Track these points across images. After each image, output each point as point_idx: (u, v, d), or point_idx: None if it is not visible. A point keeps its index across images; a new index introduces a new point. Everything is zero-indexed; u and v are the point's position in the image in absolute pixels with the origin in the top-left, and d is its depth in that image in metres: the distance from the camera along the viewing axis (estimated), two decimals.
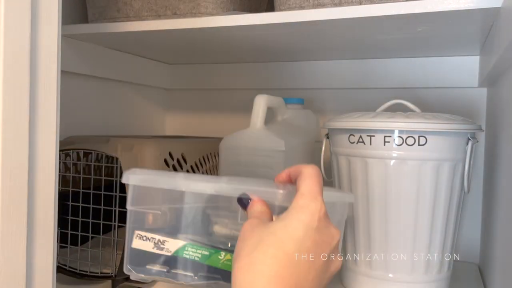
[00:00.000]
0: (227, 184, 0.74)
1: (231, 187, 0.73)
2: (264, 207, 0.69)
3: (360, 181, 1.11)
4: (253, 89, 1.74)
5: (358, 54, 1.53)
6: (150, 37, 1.35)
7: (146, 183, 0.78)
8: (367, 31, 1.20)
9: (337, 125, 1.14)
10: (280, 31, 1.22)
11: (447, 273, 1.13)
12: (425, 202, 1.07)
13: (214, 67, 1.82)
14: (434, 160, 1.06)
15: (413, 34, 1.21)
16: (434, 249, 1.10)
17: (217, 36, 1.30)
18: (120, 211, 1.18)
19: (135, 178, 0.79)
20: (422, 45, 1.36)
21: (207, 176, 0.78)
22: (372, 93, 1.61)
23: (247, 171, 1.24)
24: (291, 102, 1.45)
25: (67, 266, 1.23)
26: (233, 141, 1.27)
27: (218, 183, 0.74)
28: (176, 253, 0.75)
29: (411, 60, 1.55)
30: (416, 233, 1.08)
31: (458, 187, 1.10)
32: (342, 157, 1.14)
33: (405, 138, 1.05)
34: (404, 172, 1.06)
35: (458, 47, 1.37)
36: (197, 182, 0.76)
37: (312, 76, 1.67)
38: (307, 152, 1.36)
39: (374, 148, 1.08)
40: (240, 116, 1.80)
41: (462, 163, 1.09)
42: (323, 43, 1.36)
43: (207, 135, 1.81)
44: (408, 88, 1.56)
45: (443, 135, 1.05)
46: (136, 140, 1.24)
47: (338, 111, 1.64)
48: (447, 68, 1.51)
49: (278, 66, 1.72)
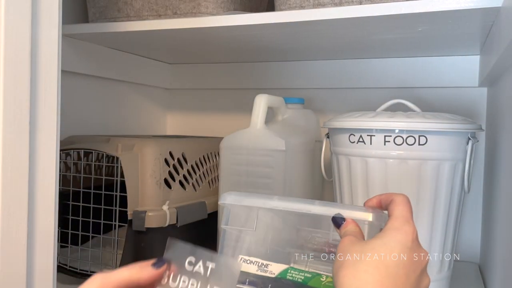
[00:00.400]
0: (320, 206, 0.78)
1: (324, 209, 0.77)
2: (357, 228, 0.74)
3: (360, 180, 1.11)
4: (253, 89, 1.74)
5: (359, 53, 1.53)
6: (151, 37, 1.35)
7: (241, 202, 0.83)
8: (368, 31, 1.20)
9: (337, 125, 1.14)
10: (280, 31, 1.22)
11: (447, 272, 1.13)
12: (425, 202, 1.07)
13: (215, 67, 1.82)
14: (434, 159, 1.06)
15: (413, 33, 1.21)
16: (434, 249, 1.10)
17: (217, 35, 1.30)
18: (121, 210, 1.18)
19: (231, 199, 0.83)
20: (423, 45, 1.36)
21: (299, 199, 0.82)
22: (372, 93, 1.61)
23: (247, 171, 1.24)
24: (292, 101, 1.45)
25: (67, 265, 1.23)
26: (233, 140, 1.27)
27: (312, 204, 0.78)
28: (280, 275, 0.77)
29: (411, 59, 1.55)
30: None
31: (458, 187, 1.10)
32: (342, 156, 1.15)
33: (405, 138, 1.05)
34: (404, 171, 1.06)
35: (458, 47, 1.37)
36: (291, 203, 0.80)
37: (312, 75, 1.67)
38: (308, 151, 1.36)
39: (374, 147, 1.08)
40: (241, 116, 1.80)
41: (462, 163, 1.09)
42: (323, 43, 1.37)
43: (207, 134, 1.81)
44: (408, 87, 1.56)
45: (443, 135, 1.05)
46: (136, 140, 1.24)
47: (338, 111, 1.64)
48: (447, 67, 1.51)
49: (278, 66, 1.72)
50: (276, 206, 0.79)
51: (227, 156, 1.27)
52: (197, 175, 1.37)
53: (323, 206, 0.77)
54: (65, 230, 1.25)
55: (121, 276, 0.65)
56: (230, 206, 0.82)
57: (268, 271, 0.78)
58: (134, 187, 1.19)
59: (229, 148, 1.27)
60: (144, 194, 1.20)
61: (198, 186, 1.37)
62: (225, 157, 1.28)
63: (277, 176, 1.22)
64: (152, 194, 1.21)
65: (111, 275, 0.65)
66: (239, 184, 1.25)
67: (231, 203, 0.82)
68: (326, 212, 0.77)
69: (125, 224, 1.18)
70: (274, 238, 0.82)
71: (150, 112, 1.83)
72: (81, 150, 1.24)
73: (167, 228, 1.20)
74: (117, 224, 1.19)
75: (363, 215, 0.75)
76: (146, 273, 0.67)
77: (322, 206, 0.78)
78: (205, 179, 1.41)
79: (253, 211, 0.81)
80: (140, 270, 0.67)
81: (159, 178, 1.22)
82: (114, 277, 0.65)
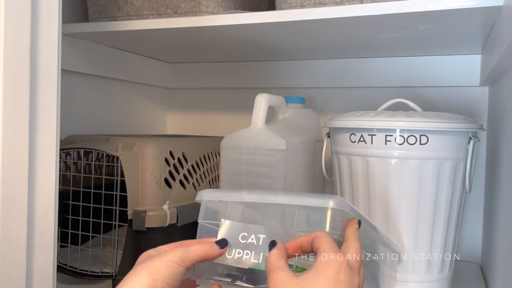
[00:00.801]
0: (284, 197, 0.83)
1: (288, 199, 0.82)
2: (282, 253, 0.76)
3: (361, 180, 1.11)
4: (254, 88, 1.74)
5: (359, 52, 1.53)
6: (151, 36, 1.35)
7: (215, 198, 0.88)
8: (368, 30, 1.20)
9: (338, 124, 1.14)
10: (281, 30, 1.22)
11: (448, 272, 1.13)
12: (427, 202, 1.07)
13: (215, 66, 1.82)
14: (435, 159, 1.06)
15: (414, 32, 1.21)
16: (435, 249, 1.10)
17: (218, 35, 1.30)
18: (121, 210, 1.18)
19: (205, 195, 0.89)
20: (424, 44, 1.36)
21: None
22: (373, 92, 1.61)
23: (248, 170, 1.24)
24: (292, 101, 1.45)
25: (67, 265, 1.23)
26: (234, 140, 1.27)
27: (276, 195, 0.83)
28: (254, 266, 0.80)
29: (412, 59, 1.55)
30: (417, 233, 1.08)
31: (459, 186, 1.10)
32: (343, 156, 1.14)
33: (406, 137, 1.05)
34: (406, 171, 1.06)
35: (459, 46, 1.37)
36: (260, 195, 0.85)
37: (313, 75, 1.67)
38: (308, 151, 1.36)
39: (375, 147, 1.08)
40: (241, 115, 1.80)
41: (463, 162, 1.09)
42: (324, 42, 1.36)
43: (208, 134, 1.81)
44: (410, 87, 1.56)
45: (444, 134, 1.05)
46: (137, 139, 1.24)
47: (339, 110, 1.64)
48: (449, 67, 1.51)
49: (279, 65, 1.72)
50: (242, 198, 0.85)
51: (227, 156, 1.27)
52: (197, 174, 1.37)
53: (287, 196, 0.82)
54: (65, 230, 1.25)
55: (197, 253, 0.76)
56: (206, 202, 0.88)
57: (243, 263, 0.81)
58: (134, 187, 1.19)
59: (229, 148, 1.27)
60: (144, 194, 1.20)
61: (198, 185, 1.37)
62: (226, 157, 1.28)
63: (277, 176, 1.22)
64: (153, 194, 1.21)
65: (190, 251, 0.76)
66: (240, 183, 1.25)
67: (206, 199, 0.87)
68: (290, 202, 0.81)
69: (125, 224, 1.18)
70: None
71: (151, 112, 1.83)
72: (81, 149, 1.24)
73: (168, 228, 1.20)
74: (117, 224, 1.19)
75: (324, 202, 0.78)
76: (214, 251, 0.79)
77: (286, 196, 0.82)
78: (206, 179, 1.41)
79: (226, 205, 0.86)
80: (210, 249, 0.78)
81: (159, 177, 1.22)
82: (192, 252, 0.76)
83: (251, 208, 0.85)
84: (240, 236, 0.82)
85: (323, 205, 0.78)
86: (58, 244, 1.21)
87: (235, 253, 0.80)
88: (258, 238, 0.81)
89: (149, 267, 0.72)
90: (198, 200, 0.89)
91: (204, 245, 0.78)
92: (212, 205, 0.87)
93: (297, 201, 0.81)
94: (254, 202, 0.84)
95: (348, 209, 0.79)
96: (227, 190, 0.88)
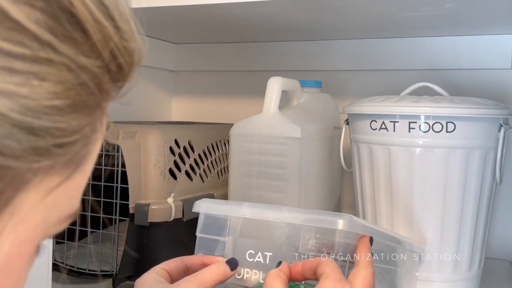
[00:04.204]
0: (288, 213, 0.84)
1: (292, 216, 0.83)
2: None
3: (382, 171, 1.11)
4: (266, 71, 1.73)
5: (381, 32, 1.52)
6: (154, 14, 1.35)
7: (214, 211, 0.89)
8: (391, 7, 1.20)
9: (357, 110, 1.14)
10: (296, 7, 1.22)
11: (477, 271, 1.13)
12: (454, 194, 1.07)
13: (224, 47, 1.82)
14: (463, 148, 1.05)
15: (441, 10, 1.20)
16: (463, 245, 1.10)
17: (227, 13, 1.30)
18: (122, 203, 1.18)
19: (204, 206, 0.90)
20: (451, 23, 1.35)
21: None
22: (396, 75, 1.61)
23: (259, 160, 1.24)
24: (308, 85, 1.45)
25: (64, 263, 1.24)
26: (244, 127, 1.27)
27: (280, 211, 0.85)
28: (258, 285, 0.83)
29: (438, 39, 1.54)
30: (443, 228, 1.08)
31: (489, 178, 1.10)
32: (363, 145, 1.14)
33: (431, 124, 1.05)
34: (431, 161, 1.06)
35: (490, 25, 1.37)
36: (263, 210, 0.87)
37: (330, 56, 1.67)
38: (325, 139, 1.36)
39: (398, 135, 1.08)
40: (252, 100, 1.80)
41: (493, 152, 1.08)
42: (342, 21, 1.36)
43: (216, 121, 1.81)
44: (435, 69, 1.55)
45: (473, 121, 1.05)
46: (139, 126, 1.25)
47: (359, 95, 1.63)
48: (478, 48, 1.50)
49: (293, 46, 1.72)
50: (243, 214, 0.86)
51: (237, 144, 1.28)
52: (205, 165, 1.38)
53: (291, 213, 0.83)
54: None
55: (213, 280, 0.78)
56: (204, 214, 0.89)
57: (251, 283, 0.83)
58: (137, 178, 1.19)
59: (239, 136, 1.27)
60: (147, 186, 1.21)
61: (206, 177, 1.37)
62: (236, 146, 1.28)
63: (292, 166, 1.22)
64: (156, 186, 1.21)
65: (206, 280, 0.77)
66: (251, 174, 1.25)
67: (204, 211, 0.89)
68: (295, 220, 0.82)
69: (127, 219, 1.19)
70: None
71: (154, 97, 1.84)
72: None
73: (172, 223, 1.21)
74: (118, 219, 1.19)
75: (332, 222, 0.79)
76: (228, 274, 0.81)
77: (290, 213, 0.83)
78: (214, 170, 1.42)
79: (226, 219, 0.88)
80: (225, 273, 0.80)
81: (163, 168, 1.22)
82: (209, 282, 0.77)
83: (254, 221, 0.86)
84: (247, 254, 0.84)
85: (331, 226, 0.79)
86: (54, 241, 1.22)
87: (244, 273, 0.83)
88: (265, 256, 0.83)
89: None
90: (195, 211, 0.90)
91: (219, 269, 0.80)
92: (211, 217, 0.89)
93: (303, 220, 0.82)
94: (255, 218, 0.85)
95: (359, 230, 0.80)
96: (227, 202, 0.91)
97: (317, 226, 0.81)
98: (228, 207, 0.88)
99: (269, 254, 0.82)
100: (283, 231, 0.84)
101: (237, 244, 0.84)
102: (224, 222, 0.87)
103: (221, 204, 0.90)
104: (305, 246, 0.82)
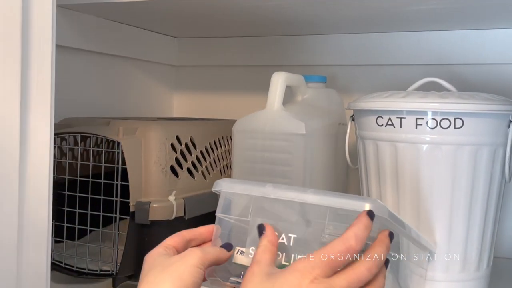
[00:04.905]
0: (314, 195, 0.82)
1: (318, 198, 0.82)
2: (269, 244, 0.80)
3: (389, 168, 1.11)
4: (270, 66, 1.73)
5: (388, 26, 1.52)
6: (156, 7, 1.35)
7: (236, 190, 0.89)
8: (398, 1, 1.19)
9: (363, 106, 1.13)
10: (300, 1, 1.22)
11: (486, 271, 1.13)
12: (461, 192, 1.07)
13: (227, 41, 1.82)
14: (471, 144, 1.05)
15: (448, 3, 1.20)
16: (471, 244, 1.09)
17: (229, 6, 1.29)
18: (122, 201, 1.18)
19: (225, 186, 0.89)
20: (459, 17, 1.35)
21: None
22: (403, 70, 1.60)
23: (263, 157, 1.24)
24: (313, 80, 1.45)
25: (63, 263, 1.24)
26: (247, 123, 1.27)
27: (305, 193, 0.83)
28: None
29: (447, 33, 1.54)
30: (451, 226, 1.08)
31: (498, 175, 1.09)
32: (369, 141, 1.14)
33: (439, 121, 1.05)
34: (438, 158, 1.06)
35: (499, 19, 1.36)
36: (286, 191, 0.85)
37: (336, 51, 1.67)
38: (330, 135, 1.35)
39: (404, 131, 1.07)
40: (256, 96, 1.79)
41: (503, 148, 1.08)
42: (348, 14, 1.36)
43: (219, 117, 1.80)
44: (443, 64, 1.55)
45: (481, 117, 1.04)
46: (139, 123, 1.24)
47: (365, 90, 1.63)
48: (488, 42, 1.50)
49: (297, 40, 1.71)
50: (268, 194, 0.84)
51: (240, 141, 1.27)
52: (207, 162, 1.37)
53: (316, 195, 0.81)
54: (60, 224, 1.25)
55: (212, 255, 0.80)
56: (225, 193, 0.88)
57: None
58: (137, 176, 1.19)
59: (243, 132, 1.27)
60: (148, 183, 1.20)
61: (208, 174, 1.37)
62: (239, 142, 1.28)
63: (296, 163, 1.22)
64: (157, 183, 1.21)
65: (207, 252, 0.79)
66: (254, 171, 1.25)
67: (225, 190, 0.88)
68: (320, 202, 0.81)
69: (127, 217, 1.18)
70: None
71: (155, 92, 1.83)
72: (78, 134, 1.24)
73: (174, 221, 1.20)
74: (118, 217, 1.19)
75: (360, 205, 0.78)
76: (224, 255, 0.82)
77: (316, 195, 0.81)
78: (216, 167, 1.42)
79: (249, 199, 0.86)
80: (221, 252, 0.82)
81: (164, 165, 1.22)
82: (209, 254, 0.79)
83: (275, 202, 0.85)
84: None
85: (358, 209, 0.77)
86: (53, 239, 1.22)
87: None
88: (288, 238, 0.82)
89: (172, 274, 0.75)
90: (216, 191, 0.89)
91: (215, 248, 0.83)
92: (232, 197, 0.88)
93: (329, 202, 0.80)
94: (281, 199, 0.84)
95: (386, 215, 0.79)
96: (249, 183, 0.88)
97: (344, 208, 0.79)
98: (251, 187, 0.86)
99: (293, 236, 0.81)
100: (307, 213, 0.83)
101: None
102: (247, 203, 0.86)
103: (243, 184, 0.88)
104: (329, 229, 0.81)
